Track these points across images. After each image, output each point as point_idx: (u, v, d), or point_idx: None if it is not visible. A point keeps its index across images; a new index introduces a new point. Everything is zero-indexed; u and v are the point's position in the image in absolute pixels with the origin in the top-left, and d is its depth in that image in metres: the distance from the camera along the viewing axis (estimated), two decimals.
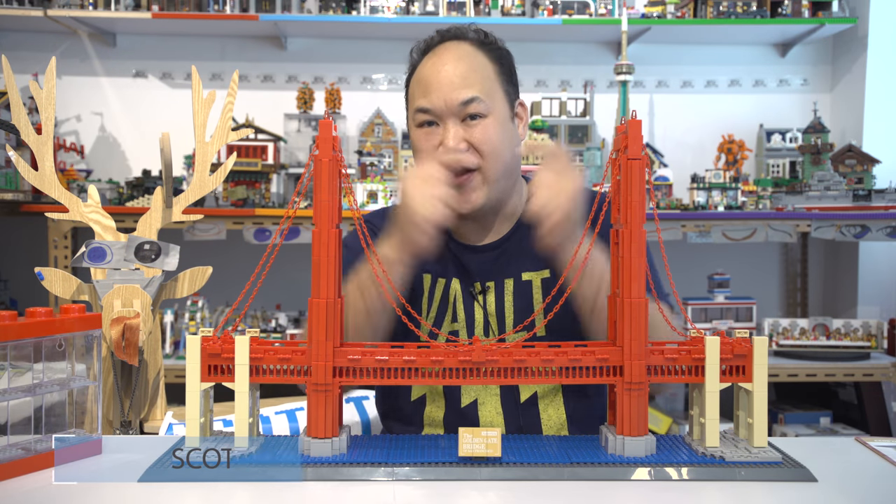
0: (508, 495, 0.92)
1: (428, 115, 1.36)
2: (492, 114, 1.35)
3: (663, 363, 1.01)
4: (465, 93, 1.33)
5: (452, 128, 1.34)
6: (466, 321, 1.41)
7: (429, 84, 1.36)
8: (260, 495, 0.92)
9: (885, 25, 3.25)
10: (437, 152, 1.34)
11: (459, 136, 1.33)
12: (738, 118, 3.48)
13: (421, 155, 1.38)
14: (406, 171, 1.26)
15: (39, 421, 1.04)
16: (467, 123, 1.34)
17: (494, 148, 1.34)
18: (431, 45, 1.41)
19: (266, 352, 1.00)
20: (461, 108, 1.33)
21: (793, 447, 1.07)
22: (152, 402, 1.38)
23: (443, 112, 1.34)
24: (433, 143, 1.36)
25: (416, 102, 1.38)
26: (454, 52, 1.38)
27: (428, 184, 1.21)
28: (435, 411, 1.41)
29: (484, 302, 1.41)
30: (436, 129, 1.36)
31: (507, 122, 1.39)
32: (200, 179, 1.42)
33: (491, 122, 1.35)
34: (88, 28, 3.26)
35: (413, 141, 1.40)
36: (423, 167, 1.27)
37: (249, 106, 3.27)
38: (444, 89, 1.34)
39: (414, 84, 1.41)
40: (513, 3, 3.25)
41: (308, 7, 3.20)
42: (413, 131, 1.40)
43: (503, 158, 1.36)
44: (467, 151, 1.33)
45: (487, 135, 1.34)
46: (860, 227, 2.95)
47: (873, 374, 2.98)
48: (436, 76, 1.35)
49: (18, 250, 3.33)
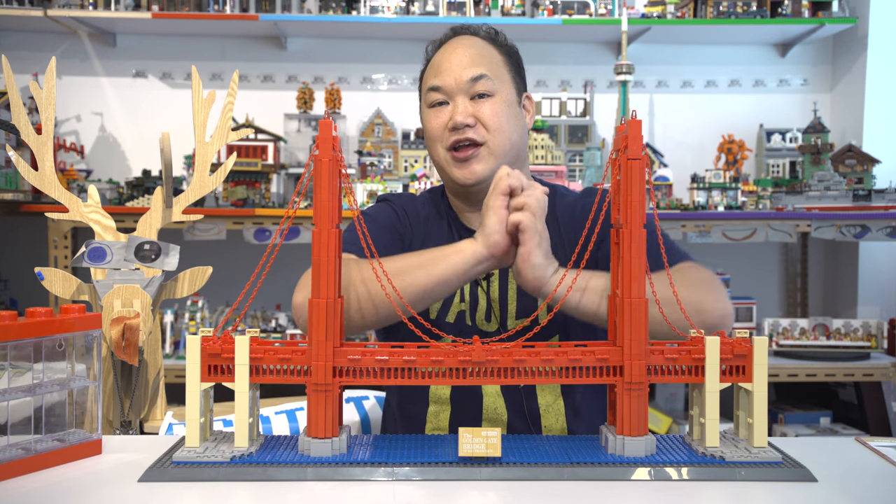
0: (508, 495, 0.92)
1: (439, 94, 1.43)
2: (499, 93, 1.42)
3: (663, 363, 1.01)
4: (474, 70, 1.40)
5: (461, 103, 1.40)
6: (470, 305, 1.43)
7: (440, 66, 1.43)
8: (260, 495, 0.92)
9: (885, 25, 3.25)
10: (446, 133, 1.41)
11: (468, 111, 1.39)
12: (738, 118, 3.49)
13: (431, 135, 1.44)
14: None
15: (39, 421, 1.04)
16: (476, 101, 1.41)
17: (501, 124, 1.40)
18: (445, 39, 1.49)
19: (266, 352, 1.00)
20: (470, 83, 1.40)
21: (793, 447, 1.07)
22: (152, 402, 1.38)
23: (452, 89, 1.41)
24: (442, 120, 1.42)
25: (427, 83, 1.45)
26: (466, 41, 1.46)
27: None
28: (441, 388, 1.43)
29: (487, 288, 1.43)
30: (445, 108, 1.43)
31: (515, 105, 1.45)
32: (200, 179, 1.42)
33: (498, 101, 1.41)
34: (88, 28, 3.26)
35: (425, 123, 1.46)
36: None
37: (249, 106, 3.27)
38: (455, 68, 1.41)
39: (427, 71, 1.48)
40: (513, 3, 3.25)
41: (308, 7, 3.20)
42: (425, 113, 1.47)
43: (509, 136, 1.41)
44: (475, 125, 1.39)
45: (495, 111, 1.40)
46: (860, 227, 2.95)
47: (873, 374, 2.98)
48: (447, 59, 1.43)
49: (18, 250, 3.33)
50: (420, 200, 1.55)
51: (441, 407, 1.43)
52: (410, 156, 3.27)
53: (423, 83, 1.49)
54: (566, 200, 1.49)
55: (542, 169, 2.91)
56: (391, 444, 1.06)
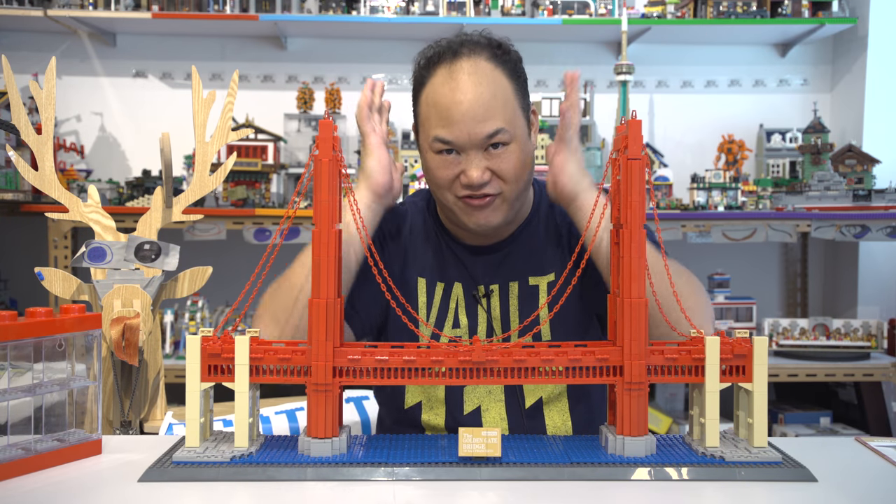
0: (508, 495, 0.92)
1: (448, 146, 1.31)
2: (514, 140, 1.31)
3: (663, 363, 1.01)
4: (490, 126, 1.28)
5: (475, 159, 1.30)
6: (469, 326, 1.39)
7: (449, 114, 1.29)
8: (260, 495, 0.92)
9: (885, 25, 3.25)
10: (456, 184, 1.33)
11: (483, 167, 1.30)
12: (738, 118, 3.48)
13: (438, 183, 1.35)
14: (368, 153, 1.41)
15: (39, 421, 1.04)
16: (489, 152, 1.30)
17: (517, 174, 1.32)
18: (443, 58, 1.33)
19: (266, 352, 1.00)
20: (485, 139, 1.29)
21: (793, 447, 1.07)
22: (152, 402, 1.38)
23: (466, 145, 1.30)
24: (453, 172, 1.32)
25: (434, 130, 1.31)
26: (472, 74, 1.30)
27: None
28: (434, 419, 1.40)
29: (488, 306, 1.40)
30: (455, 158, 1.31)
31: (527, 141, 1.36)
32: (200, 179, 1.42)
33: (514, 149, 1.31)
34: (88, 28, 3.26)
35: (428, 165, 1.35)
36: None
37: (249, 106, 3.27)
38: (469, 122, 1.28)
39: (429, 106, 1.33)
40: (513, 3, 3.25)
41: (308, 7, 3.20)
42: (428, 154, 1.35)
43: (524, 180, 1.35)
44: (490, 181, 1.31)
45: (511, 163, 1.31)
46: (860, 227, 2.95)
47: (873, 374, 2.98)
48: (457, 107, 1.28)
49: (18, 250, 3.33)
50: (405, 208, 1.50)
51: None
52: (410, 156, 3.27)
53: (423, 118, 1.35)
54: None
55: (542, 169, 2.91)
56: (391, 444, 1.06)
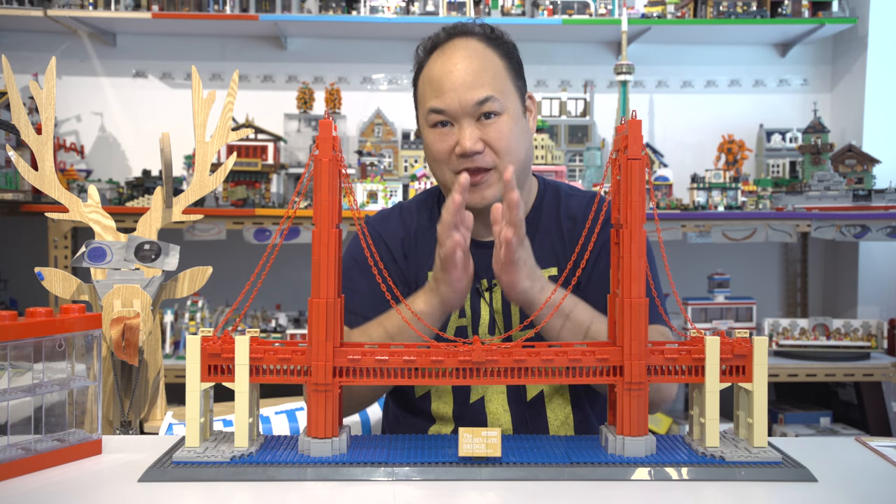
0: (508, 495, 0.92)
1: (442, 116, 1.35)
2: (506, 111, 1.34)
3: (663, 363, 1.01)
4: (480, 92, 1.32)
5: (468, 128, 1.33)
6: (472, 318, 1.41)
7: (441, 84, 1.34)
8: (260, 495, 0.92)
9: (885, 25, 3.25)
10: (453, 157, 1.34)
11: (475, 136, 1.32)
12: (738, 118, 3.48)
13: (435, 157, 1.37)
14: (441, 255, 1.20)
15: (39, 421, 1.04)
16: (482, 122, 1.33)
17: (510, 145, 1.34)
18: (438, 42, 1.39)
19: (266, 352, 1.00)
20: (476, 107, 1.32)
21: (793, 447, 1.07)
22: (152, 402, 1.38)
23: (457, 112, 1.33)
24: (448, 144, 1.35)
25: (428, 103, 1.36)
26: (464, 49, 1.36)
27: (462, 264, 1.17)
28: (443, 407, 1.42)
29: (490, 299, 1.41)
30: (450, 130, 1.35)
31: (521, 117, 1.39)
32: (200, 179, 1.42)
33: (506, 120, 1.34)
34: (88, 28, 3.26)
35: (426, 141, 1.39)
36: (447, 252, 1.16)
37: (249, 106, 3.27)
38: (458, 89, 1.32)
39: (424, 83, 1.39)
40: (513, 3, 3.25)
41: (308, 7, 3.20)
42: (426, 131, 1.39)
43: (518, 155, 1.36)
44: (483, 151, 1.33)
45: (503, 133, 1.33)
46: (860, 227, 2.95)
47: (873, 374, 2.98)
48: (448, 76, 1.33)
49: (18, 250, 3.33)
50: (407, 213, 1.50)
51: (444, 425, 1.42)
52: (410, 156, 3.27)
53: (420, 96, 1.41)
54: (571, 201, 1.46)
55: (542, 169, 2.91)
56: (391, 444, 1.06)
